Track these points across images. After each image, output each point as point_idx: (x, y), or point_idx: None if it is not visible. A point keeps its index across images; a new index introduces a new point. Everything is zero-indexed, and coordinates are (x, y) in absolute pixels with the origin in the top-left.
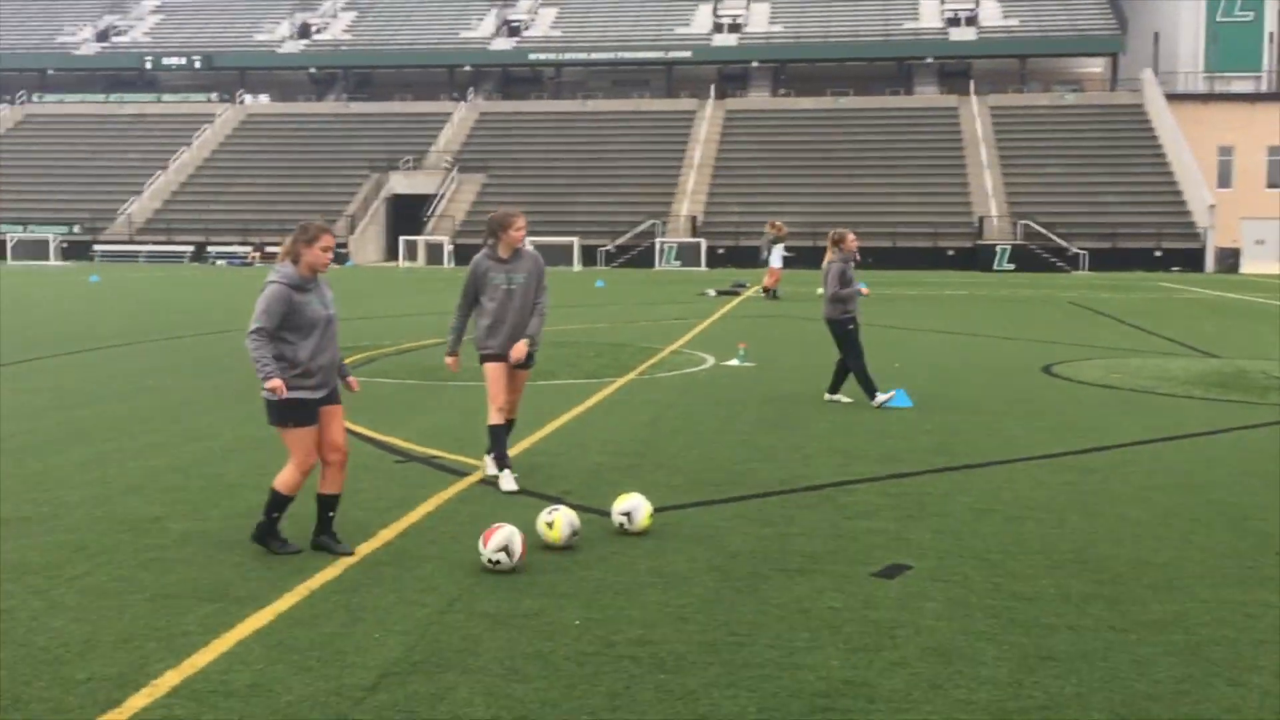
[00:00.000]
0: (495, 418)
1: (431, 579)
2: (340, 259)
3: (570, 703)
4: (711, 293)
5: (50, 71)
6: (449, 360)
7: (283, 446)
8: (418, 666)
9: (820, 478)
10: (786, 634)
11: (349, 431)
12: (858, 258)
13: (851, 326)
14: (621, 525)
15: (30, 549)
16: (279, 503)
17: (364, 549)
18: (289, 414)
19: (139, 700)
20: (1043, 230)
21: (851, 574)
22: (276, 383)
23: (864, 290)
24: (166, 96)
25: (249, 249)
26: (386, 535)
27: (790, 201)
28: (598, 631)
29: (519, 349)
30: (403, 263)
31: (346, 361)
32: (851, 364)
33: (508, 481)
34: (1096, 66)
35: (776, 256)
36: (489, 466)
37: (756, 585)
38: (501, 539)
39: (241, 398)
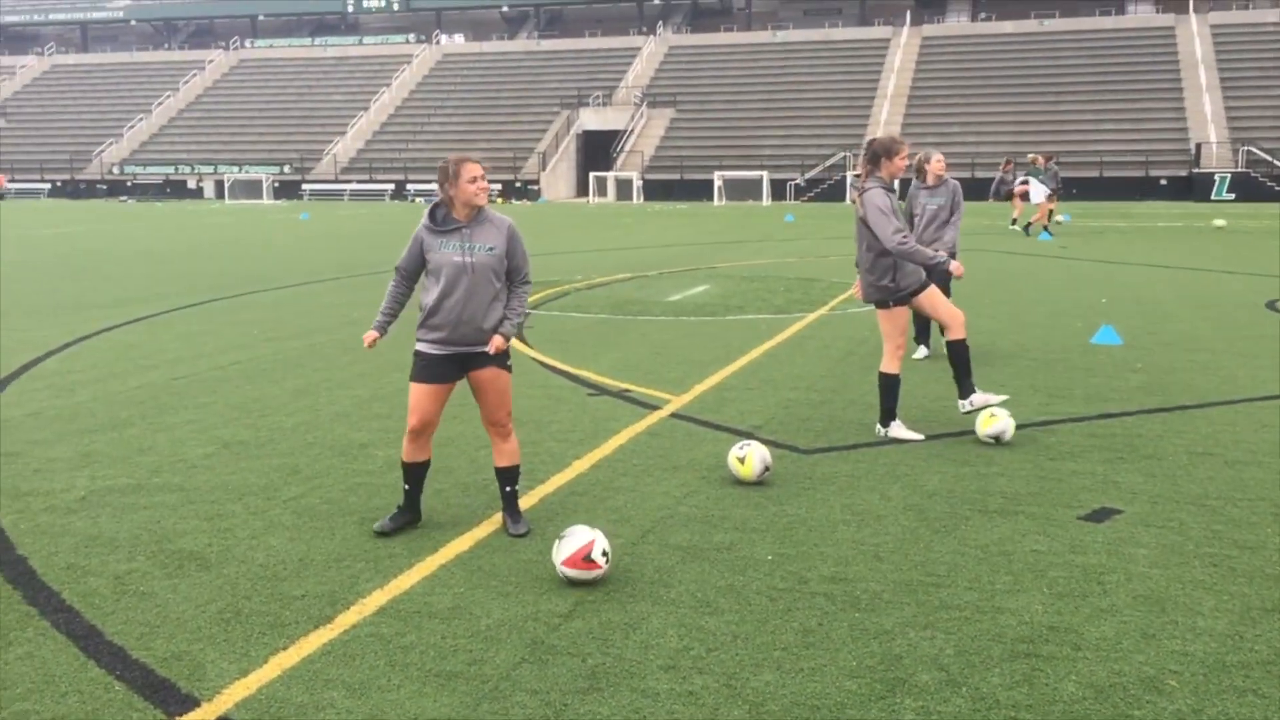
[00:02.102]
0: (897, 365)
1: (624, 510)
2: (532, 195)
3: (762, 637)
4: None
5: (260, 17)
6: (957, 266)
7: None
8: (611, 595)
9: (1021, 416)
10: (986, 576)
11: (544, 365)
12: (925, 183)
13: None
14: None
15: (249, 471)
16: (403, 471)
17: (558, 479)
18: (413, 365)
19: (349, 617)
20: (1267, 157)
21: (1056, 517)
22: (368, 335)
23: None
24: (367, 39)
25: None
26: (580, 466)
27: (990, 131)
28: (790, 567)
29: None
30: (593, 199)
31: (529, 303)
32: None
33: (901, 429)
34: None
35: (1038, 189)
36: (898, 430)
37: (955, 525)
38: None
39: None
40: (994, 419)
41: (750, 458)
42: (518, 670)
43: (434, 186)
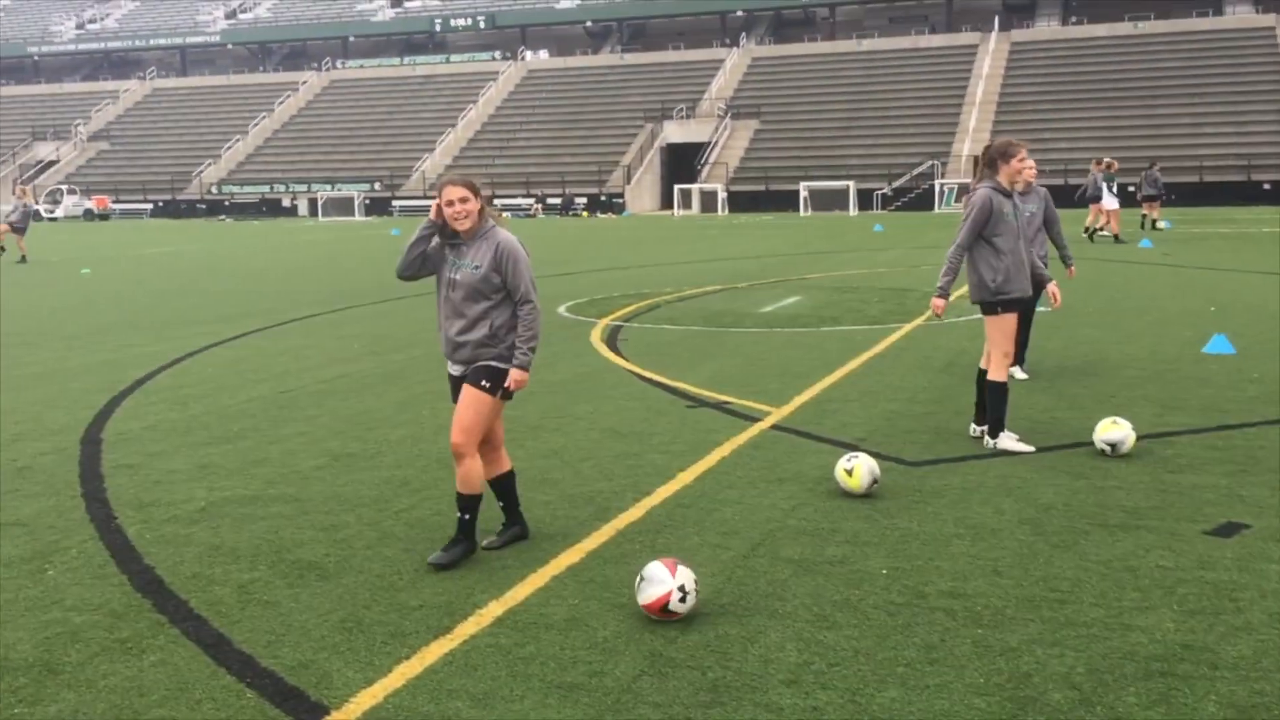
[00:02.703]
0: (1004, 373)
1: (732, 523)
2: (617, 209)
3: (884, 653)
4: None
5: (351, 39)
6: (940, 303)
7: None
8: (726, 609)
9: (1135, 428)
10: (1112, 593)
11: (640, 377)
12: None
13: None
14: (1104, 453)
15: (360, 483)
16: (458, 501)
17: (663, 491)
18: None
19: (468, 628)
20: None
21: (1181, 531)
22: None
23: None
24: (454, 57)
25: (531, 201)
26: (684, 478)
27: (1083, 137)
28: (906, 582)
29: (1057, 291)
30: (677, 211)
31: (607, 319)
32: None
33: (1012, 440)
34: None
35: (1108, 196)
36: (1007, 441)
37: (1074, 540)
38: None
39: None
40: (1115, 425)
41: (858, 470)
42: (638, 682)
43: (520, 201)
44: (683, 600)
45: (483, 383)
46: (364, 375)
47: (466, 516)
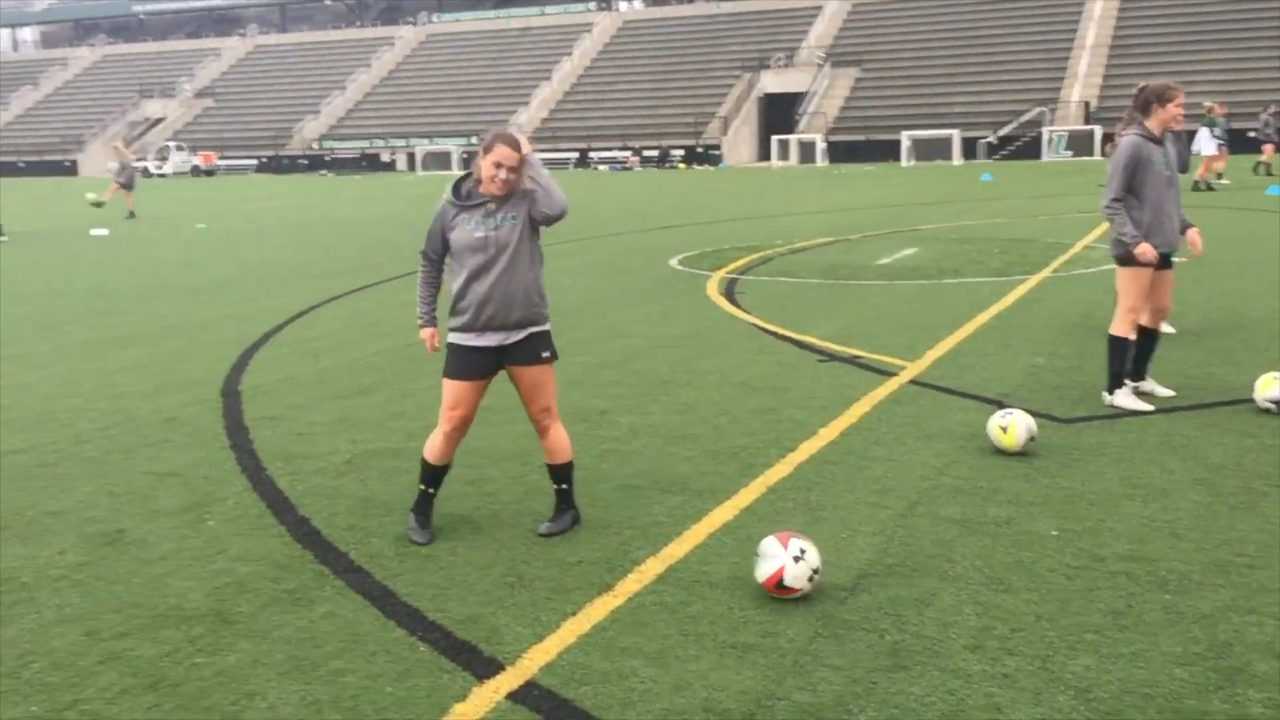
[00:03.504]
0: (1132, 329)
1: (885, 481)
2: (714, 160)
3: (1068, 618)
4: None
5: None
6: (1144, 248)
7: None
8: (893, 570)
9: None
10: None
11: (766, 331)
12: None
13: None
14: (1269, 411)
15: (499, 437)
16: (423, 471)
17: (808, 448)
18: (446, 359)
19: (630, 585)
20: None
21: None
22: (424, 333)
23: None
24: (549, 9)
25: (628, 154)
26: (828, 435)
27: (1202, 81)
28: (1080, 544)
29: (1197, 239)
30: (775, 162)
31: (721, 271)
32: None
33: (1129, 398)
34: None
35: (1208, 142)
36: (1123, 398)
37: (1254, 502)
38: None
39: (646, 298)
40: (1276, 381)
41: (1014, 427)
42: (814, 644)
43: (616, 154)
44: (811, 579)
45: (544, 355)
46: None
47: (565, 486)
